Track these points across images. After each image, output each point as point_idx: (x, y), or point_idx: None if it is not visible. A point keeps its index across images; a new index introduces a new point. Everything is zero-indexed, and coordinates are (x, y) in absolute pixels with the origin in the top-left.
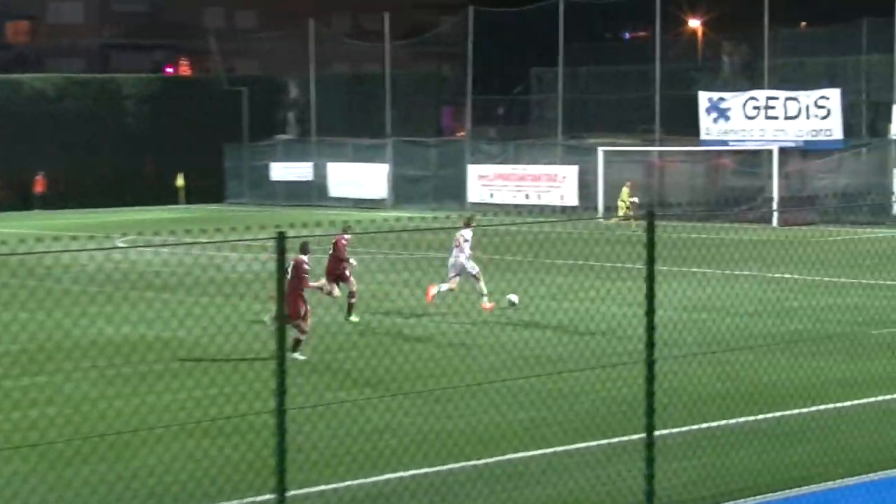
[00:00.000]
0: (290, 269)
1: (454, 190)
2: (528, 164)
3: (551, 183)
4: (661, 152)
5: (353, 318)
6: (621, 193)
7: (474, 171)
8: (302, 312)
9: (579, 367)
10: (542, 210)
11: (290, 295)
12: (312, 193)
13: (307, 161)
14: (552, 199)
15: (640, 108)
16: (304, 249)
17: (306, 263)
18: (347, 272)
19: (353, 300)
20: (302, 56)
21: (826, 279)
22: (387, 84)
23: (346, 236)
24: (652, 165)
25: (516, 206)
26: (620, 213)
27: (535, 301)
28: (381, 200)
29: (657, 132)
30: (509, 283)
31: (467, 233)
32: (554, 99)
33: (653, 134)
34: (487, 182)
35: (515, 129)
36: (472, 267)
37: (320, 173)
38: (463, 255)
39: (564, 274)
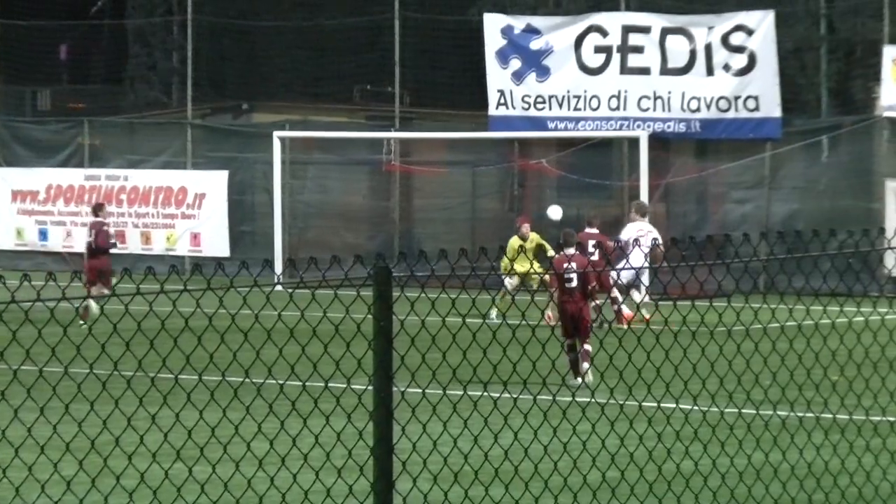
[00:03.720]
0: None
1: None
2: (120, 167)
3: (173, 209)
4: (405, 144)
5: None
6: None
7: (3, 184)
8: None
9: None
10: (150, 270)
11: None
12: None
13: None
14: (177, 241)
15: (362, 51)
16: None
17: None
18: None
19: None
20: None
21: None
22: None
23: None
24: (386, 172)
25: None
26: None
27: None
28: None
29: (397, 101)
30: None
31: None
32: (176, 29)
33: (388, 103)
34: (34, 206)
35: (93, 94)
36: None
37: None
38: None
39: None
